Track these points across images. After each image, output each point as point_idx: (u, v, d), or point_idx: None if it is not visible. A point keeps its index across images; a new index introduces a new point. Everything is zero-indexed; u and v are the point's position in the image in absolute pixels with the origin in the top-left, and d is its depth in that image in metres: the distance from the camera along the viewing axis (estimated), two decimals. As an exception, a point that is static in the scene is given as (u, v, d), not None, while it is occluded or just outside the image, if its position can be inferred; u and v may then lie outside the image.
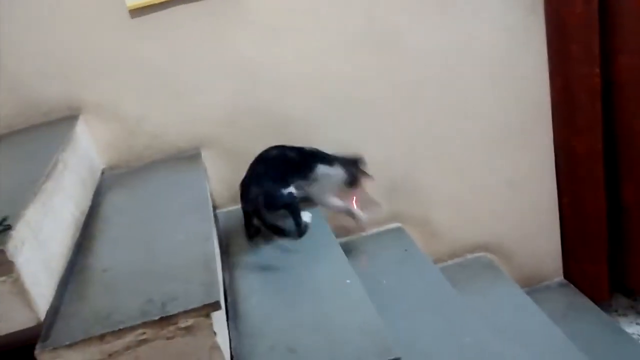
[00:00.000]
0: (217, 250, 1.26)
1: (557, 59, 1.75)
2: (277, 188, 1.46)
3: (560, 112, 1.82)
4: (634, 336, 1.82)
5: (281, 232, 1.43)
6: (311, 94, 1.66)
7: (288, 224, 1.47)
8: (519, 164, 1.88)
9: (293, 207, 1.48)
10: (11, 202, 1.02)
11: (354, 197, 1.63)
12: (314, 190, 1.57)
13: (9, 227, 0.93)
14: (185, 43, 1.56)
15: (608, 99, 1.75)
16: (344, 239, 1.73)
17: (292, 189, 1.48)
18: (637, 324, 1.90)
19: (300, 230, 1.47)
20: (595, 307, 1.89)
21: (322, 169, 1.56)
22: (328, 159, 1.58)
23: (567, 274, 2.03)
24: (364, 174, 1.60)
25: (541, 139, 1.86)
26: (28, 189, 1.07)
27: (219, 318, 1.01)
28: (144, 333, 0.93)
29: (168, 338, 0.94)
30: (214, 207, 1.66)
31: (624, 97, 1.74)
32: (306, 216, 1.51)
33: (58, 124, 1.50)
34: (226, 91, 1.62)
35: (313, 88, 1.67)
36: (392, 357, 1.02)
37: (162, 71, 1.57)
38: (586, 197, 1.87)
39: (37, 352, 0.91)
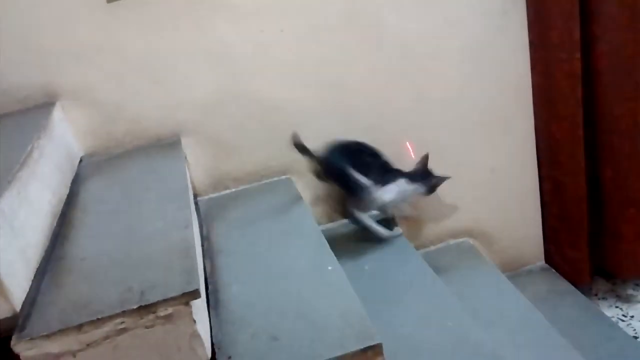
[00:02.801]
0: (197, 238, 1.25)
1: (538, 44, 1.75)
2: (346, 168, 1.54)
3: (541, 98, 1.83)
4: (614, 319, 1.85)
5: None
6: (293, 80, 1.65)
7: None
8: (501, 150, 1.89)
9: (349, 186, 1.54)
10: (-16, 190, 1.00)
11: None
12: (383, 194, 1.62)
13: (-19, 217, 0.91)
14: (164, 28, 1.53)
15: (589, 85, 1.76)
16: (326, 226, 1.72)
17: (368, 182, 1.55)
18: (617, 307, 1.92)
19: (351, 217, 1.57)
20: (576, 291, 1.91)
21: (403, 183, 1.63)
22: (409, 175, 1.65)
23: (548, 258, 2.05)
24: (441, 180, 1.67)
25: (523, 124, 1.87)
26: (1, 177, 1.04)
27: (199, 306, 1.00)
28: (123, 322, 0.92)
29: (147, 327, 0.93)
30: (195, 195, 1.64)
31: (604, 83, 1.75)
32: (369, 219, 1.58)
33: (34, 111, 1.47)
34: (206, 77, 1.60)
35: (295, 74, 1.65)
36: (374, 343, 1.02)
37: (141, 57, 1.55)
38: (567, 183, 1.89)
39: (13, 343, 0.90)
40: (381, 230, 1.64)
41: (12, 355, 0.90)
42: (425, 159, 1.67)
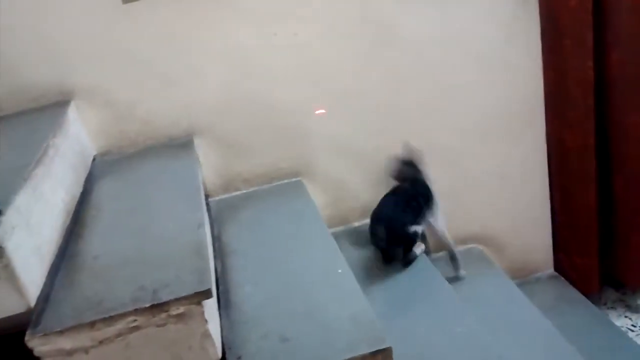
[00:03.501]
0: (209, 238, 1.26)
1: (551, 52, 1.75)
2: (405, 226, 1.57)
3: (552, 106, 1.83)
4: (623, 329, 1.84)
5: (389, 257, 1.58)
6: (304, 83, 1.65)
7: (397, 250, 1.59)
8: (511, 156, 1.89)
9: (411, 242, 1.58)
10: (1, 187, 1.01)
11: None
12: (436, 220, 1.68)
13: (-1, 213, 0.92)
14: (177, 29, 1.55)
15: (600, 93, 1.76)
16: (335, 229, 1.72)
17: (419, 228, 1.59)
18: (626, 316, 1.91)
19: (407, 260, 1.57)
20: (585, 299, 1.90)
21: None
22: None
23: (557, 266, 2.04)
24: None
25: (534, 131, 1.87)
26: (18, 174, 1.05)
27: (210, 306, 1.01)
28: (135, 320, 0.93)
29: (159, 325, 0.94)
30: (206, 196, 1.65)
31: (617, 91, 1.74)
32: (419, 248, 1.60)
33: (49, 109, 1.48)
34: (219, 79, 1.61)
35: (307, 77, 1.65)
36: (384, 347, 1.02)
37: (155, 57, 1.56)
38: (577, 191, 1.88)
39: (27, 338, 0.90)
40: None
41: (25, 350, 0.91)
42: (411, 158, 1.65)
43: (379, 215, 1.60)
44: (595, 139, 1.79)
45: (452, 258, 1.76)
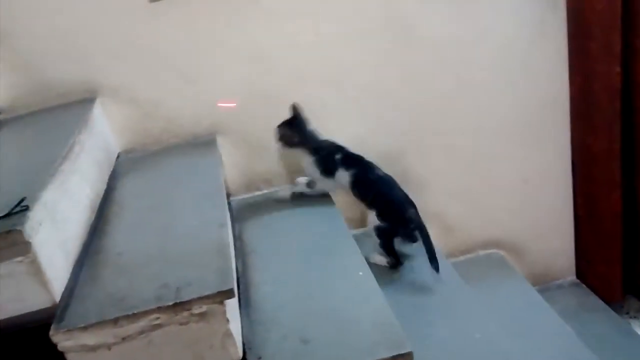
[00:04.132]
0: (231, 238, 1.26)
1: (577, 55, 1.73)
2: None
3: (578, 110, 1.80)
4: (645, 338, 1.81)
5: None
6: (325, 82, 1.65)
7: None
8: (535, 161, 1.87)
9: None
10: (28, 183, 1.03)
11: None
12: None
13: (26, 208, 0.93)
14: (201, 28, 1.56)
15: (627, 97, 1.73)
16: (357, 231, 1.72)
17: None
18: (649, 326, 1.89)
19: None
20: (607, 307, 1.88)
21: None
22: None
23: (579, 273, 2.01)
24: None
25: (558, 136, 1.84)
26: (45, 170, 1.07)
27: (232, 305, 1.01)
28: (158, 318, 0.94)
29: (181, 324, 0.95)
30: (228, 195, 1.65)
31: (644, 97, 1.72)
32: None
33: (75, 106, 1.50)
34: (242, 78, 1.61)
35: (327, 76, 1.66)
36: (404, 351, 1.02)
37: (179, 56, 1.57)
38: (601, 197, 1.86)
39: (51, 333, 0.92)
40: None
41: (49, 344, 0.92)
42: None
43: (404, 198, 1.50)
44: (621, 144, 1.77)
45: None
